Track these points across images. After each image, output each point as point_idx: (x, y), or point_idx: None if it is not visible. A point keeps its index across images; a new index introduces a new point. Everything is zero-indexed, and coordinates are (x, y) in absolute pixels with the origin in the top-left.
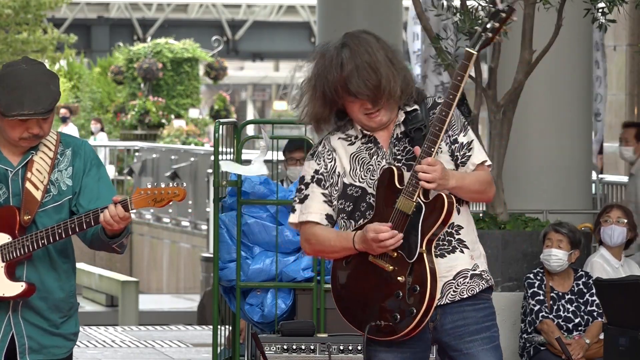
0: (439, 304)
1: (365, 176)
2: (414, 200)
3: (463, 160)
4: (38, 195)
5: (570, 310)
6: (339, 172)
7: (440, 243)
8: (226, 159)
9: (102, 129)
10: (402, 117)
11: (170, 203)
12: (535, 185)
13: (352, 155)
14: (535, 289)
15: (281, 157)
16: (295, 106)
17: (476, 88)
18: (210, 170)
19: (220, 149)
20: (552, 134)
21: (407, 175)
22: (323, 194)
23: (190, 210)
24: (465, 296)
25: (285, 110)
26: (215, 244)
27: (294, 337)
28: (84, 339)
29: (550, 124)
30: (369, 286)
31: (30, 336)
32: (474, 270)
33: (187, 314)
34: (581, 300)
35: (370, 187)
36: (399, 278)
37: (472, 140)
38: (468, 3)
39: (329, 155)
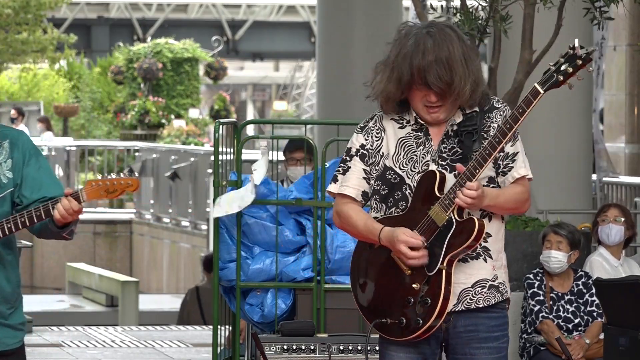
0: (453, 309)
1: (406, 165)
2: (447, 214)
3: (504, 170)
4: None
5: (570, 310)
6: (383, 153)
7: None
8: (226, 159)
9: (48, 129)
10: (459, 118)
11: (124, 194)
12: (535, 185)
13: (399, 140)
14: (535, 289)
15: (281, 157)
16: (368, 83)
17: None
18: (210, 170)
19: (220, 149)
20: (552, 135)
21: (449, 181)
22: (364, 169)
23: (190, 210)
24: (480, 305)
25: (285, 110)
26: (215, 244)
27: (294, 337)
28: (84, 339)
29: (550, 124)
30: (385, 281)
31: None
32: (493, 281)
33: None
34: (581, 301)
35: (409, 178)
36: (414, 285)
37: (517, 152)
38: (468, 3)
39: (378, 133)
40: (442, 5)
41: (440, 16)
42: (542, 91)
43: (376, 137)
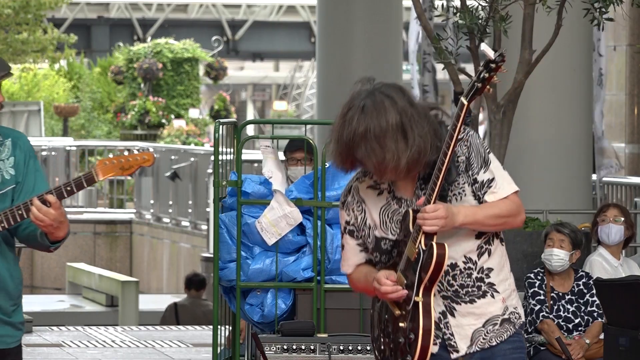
0: (468, 351)
1: (396, 228)
2: (416, 246)
3: (485, 195)
4: None
5: (571, 310)
6: (369, 225)
7: (470, 289)
8: (226, 159)
9: None
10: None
11: (137, 170)
12: (535, 185)
13: (381, 209)
14: (536, 289)
15: (281, 157)
16: (328, 153)
17: None
18: (210, 170)
19: (220, 149)
20: (552, 134)
21: None
22: (357, 244)
23: (190, 210)
24: (494, 343)
25: (285, 110)
26: (215, 244)
27: (294, 337)
28: (84, 339)
29: (550, 124)
30: (387, 323)
31: None
32: (504, 314)
33: None
34: (581, 301)
35: (401, 238)
36: (401, 324)
37: (492, 178)
38: (468, 3)
39: (359, 206)
40: (442, 5)
41: (439, 15)
42: (465, 102)
43: (358, 210)
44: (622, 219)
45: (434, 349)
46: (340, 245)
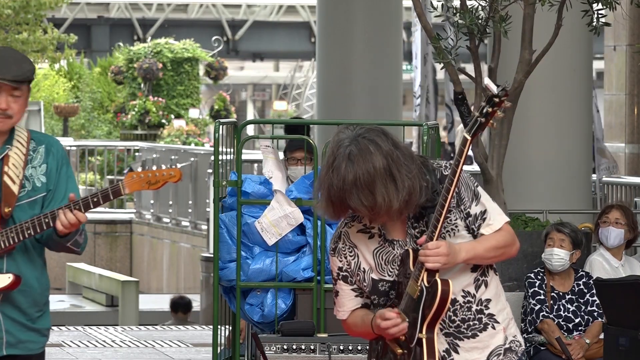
0: None
1: (393, 269)
2: (418, 284)
3: (479, 231)
4: (15, 189)
5: (571, 310)
6: (364, 268)
7: (471, 323)
8: (226, 159)
9: None
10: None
11: (165, 185)
12: (535, 185)
13: (374, 252)
14: (536, 289)
15: (281, 156)
16: (315, 201)
17: (476, 88)
18: (210, 170)
19: (220, 149)
20: (552, 134)
21: None
22: (352, 289)
23: (190, 210)
24: None
25: (285, 110)
26: (215, 244)
27: (294, 337)
28: (84, 339)
29: (550, 124)
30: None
31: (8, 330)
32: (505, 344)
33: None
34: (581, 300)
35: (398, 277)
36: None
37: (484, 210)
38: (468, 3)
39: (351, 251)
40: (442, 5)
41: (440, 15)
42: (469, 137)
43: (350, 256)
44: (624, 221)
45: None
46: (334, 292)
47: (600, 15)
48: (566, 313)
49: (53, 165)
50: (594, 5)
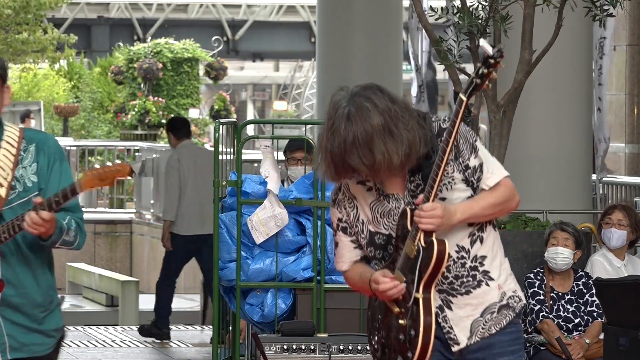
0: (468, 343)
1: (388, 223)
2: (415, 244)
3: (478, 184)
4: (2, 192)
5: (570, 310)
6: (363, 220)
7: (465, 280)
8: (226, 159)
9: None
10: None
11: (115, 181)
12: (535, 185)
13: (371, 205)
14: (536, 289)
15: (281, 157)
16: (314, 166)
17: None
18: None
19: (220, 149)
20: (552, 134)
21: None
22: (351, 241)
23: None
24: (493, 332)
25: (286, 110)
26: (215, 244)
27: (294, 337)
28: (84, 339)
29: (550, 124)
30: (385, 322)
31: (10, 334)
32: (502, 301)
33: (187, 314)
34: (581, 301)
35: (395, 232)
36: (401, 322)
37: (481, 164)
38: (468, 3)
39: (350, 203)
40: (441, 7)
41: (440, 17)
42: (464, 99)
43: (350, 207)
44: (627, 222)
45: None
46: (334, 243)
47: (604, 9)
48: (566, 313)
49: (44, 163)
50: (597, 3)
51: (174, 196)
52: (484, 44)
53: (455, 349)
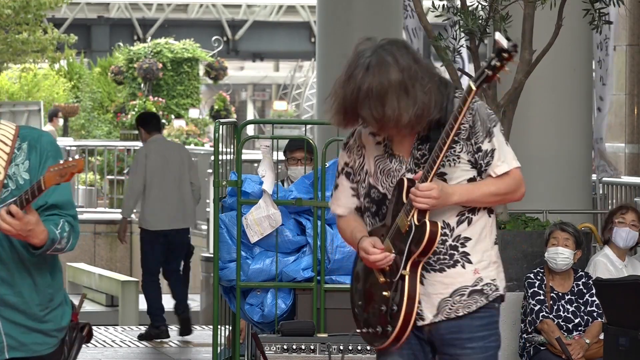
0: (433, 320)
1: (385, 182)
2: (408, 219)
3: (486, 168)
4: None
5: (570, 310)
6: (366, 170)
7: (442, 257)
8: (226, 159)
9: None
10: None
11: (74, 176)
12: (535, 185)
13: (375, 158)
14: (536, 289)
15: (281, 157)
16: (327, 107)
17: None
18: (210, 170)
19: (220, 149)
20: (552, 134)
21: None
22: (351, 187)
23: None
24: (460, 314)
25: (286, 110)
26: (215, 244)
27: (294, 337)
28: None
29: (550, 124)
30: (368, 290)
31: (8, 333)
32: (475, 285)
33: None
34: (581, 301)
35: (389, 193)
36: (384, 293)
37: (494, 149)
38: (468, 3)
39: (359, 151)
40: (443, 5)
41: (440, 15)
42: (474, 87)
43: (357, 154)
44: (638, 224)
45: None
46: (334, 186)
47: (602, 14)
48: (566, 313)
49: (35, 161)
50: (596, 4)
51: (133, 193)
52: (500, 37)
53: (419, 323)
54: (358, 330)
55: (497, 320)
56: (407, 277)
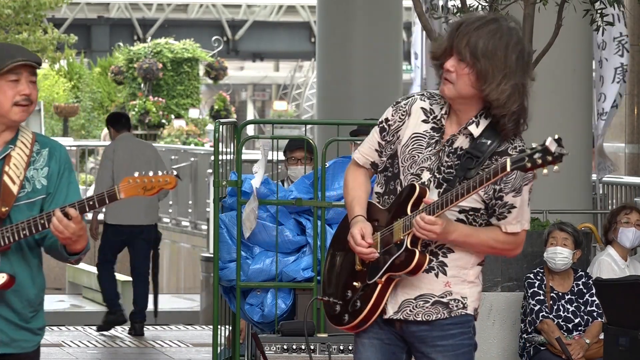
0: (394, 317)
1: (406, 161)
2: (403, 235)
3: (499, 216)
4: (14, 189)
5: (570, 310)
6: (399, 136)
7: None
8: (226, 159)
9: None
10: (477, 128)
11: (161, 191)
12: (535, 185)
13: (412, 135)
14: (536, 289)
15: (281, 157)
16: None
17: None
18: (210, 170)
19: (220, 149)
20: (552, 134)
21: (430, 195)
22: (379, 142)
23: (190, 210)
24: (419, 319)
25: (286, 110)
26: (215, 244)
27: (294, 337)
28: (84, 339)
29: (550, 124)
30: (345, 263)
31: (1, 329)
32: (442, 297)
33: (187, 314)
34: (581, 300)
35: (403, 175)
36: (355, 283)
37: (514, 207)
38: (468, 3)
39: (402, 116)
40: (442, 5)
41: (440, 16)
42: (508, 169)
43: (400, 119)
44: None
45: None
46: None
47: (602, 14)
48: (566, 313)
49: (55, 169)
50: (596, 4)
51: (101, 189)
52: (551, 142)
53: (384, 316)
54: (319, 297)
55: (469, 320)
56: (379, 287)
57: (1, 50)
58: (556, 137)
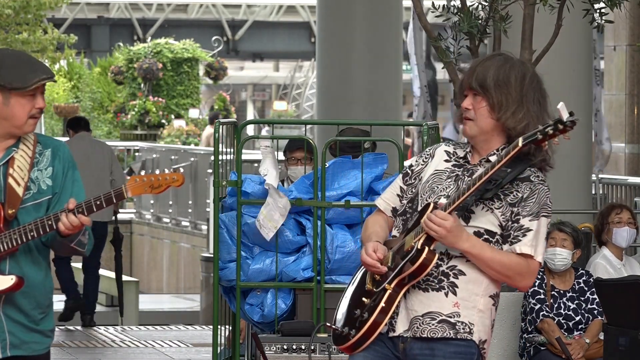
0: (403, 335)
1: (424, 195)
2: (414, 241)
3: (512, 240)
4: (20, 191)
5: (571, 308)
6: (421, 177)
7: (431, 279)
8: (226, 159)
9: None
10: (496, 157)
11: (169, 189)
12: None
13: (434, 172)
14: (536, 288)
15: (281, 157)
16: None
17: None
18: (210, 170)
19: (220, 149)
20: None
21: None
22: (401, 187)
23: (190, 210)
24: (425, 335)
25: (286, 110)
26: (215, 244)
27: (294, 337)
28: (84, 339)
29: None
30: (356, 289)
31: (11, 332)
32: (449, 317)
33: (187, 314)
34: (582, 298)
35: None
36: (363, 299)
37: (530, 230)
38: (468, 3)
39: (426, 159)
40: (443, 5)
41: (440, 15)
42: (520, 145)
43: (423, 162)
44: (633, 221)
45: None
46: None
47: (602, 14)
48: (567, 311)
49: (59, 169)
50: (595, 4)
51: None
52: (562, 107)
53: (390, 334)
54: (328, 324)
55: (474, 352)
56: (387, 293)
57: (21, 63)
58: (560, 103)
